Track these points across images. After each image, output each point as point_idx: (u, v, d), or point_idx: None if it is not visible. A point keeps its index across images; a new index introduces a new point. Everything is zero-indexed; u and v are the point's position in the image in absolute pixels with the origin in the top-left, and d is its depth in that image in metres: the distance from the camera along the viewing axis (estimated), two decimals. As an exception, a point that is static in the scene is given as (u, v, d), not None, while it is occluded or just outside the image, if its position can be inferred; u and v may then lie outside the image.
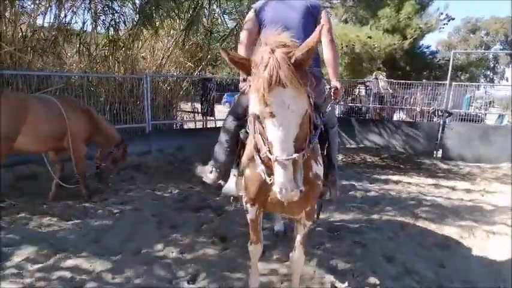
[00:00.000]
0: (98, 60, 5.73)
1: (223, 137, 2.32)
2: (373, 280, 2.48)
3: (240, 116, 2.22)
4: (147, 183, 4.81)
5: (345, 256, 2.82)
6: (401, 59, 10.20)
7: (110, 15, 5.68)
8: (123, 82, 5.69)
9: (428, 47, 11.37)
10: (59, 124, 3.57)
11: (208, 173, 2.36)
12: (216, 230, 3.25)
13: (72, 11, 5.41)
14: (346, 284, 2.43)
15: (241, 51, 2.17)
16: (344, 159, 7.11)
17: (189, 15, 6.22)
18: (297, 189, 1.25)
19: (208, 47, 6.65)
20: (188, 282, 2.38)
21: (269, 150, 1.29)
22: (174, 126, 6.93)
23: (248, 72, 1.31)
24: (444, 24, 9.63)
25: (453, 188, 5.21)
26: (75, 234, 3.06)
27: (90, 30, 5.71)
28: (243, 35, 2.24)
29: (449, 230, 3.48)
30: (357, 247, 2.99)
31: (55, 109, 3.58)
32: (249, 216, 2.03)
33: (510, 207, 4.21)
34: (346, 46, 10.59)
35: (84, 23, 5.60)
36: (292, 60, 1.23)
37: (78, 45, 5.53)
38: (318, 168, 1.80)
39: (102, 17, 5.72)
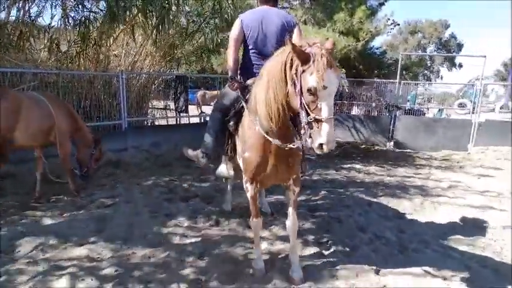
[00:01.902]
0: (69, 57, 5.62)
1: (211, 128, 2.71)
2: (350, 245, 3.00)
3: (225, 109, 2.61)
4: (129, 178, 4.92)
5: (325, 230, 3.32)
6: (356, 59, 11.13)
7: (80, 11, 5.59)
8: (98, 79, 5.66)
9: (378, 48, 12.55)
10: (48, 119, 3.64)
11: (200, 158, 2.78)
12: (210, 216, 3.55)
13: (37, 5, 5.26)
14: (332, 250, 2.91)
15: (231, 54, 2.60)
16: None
17: (159, 13, 6.29)
18: (335, 140, 1.75)
19: (182, 45, 6.78)
20: (199, 258, 2.69)
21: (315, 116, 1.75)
22: (149, 123, 6.99)
23: (303, 60, 1.74)
24: (391, 28, 10.75)
25: (405, 172, 6.03)
26: (75, 225, 3.18)
27: (58, 26, 5.57)
28: (232, 42, 2.62)
29: (404, 205, 4.16)
30: (334, 222, 3.50)
31: (43, 105, 3.64)
32: (249, 194, 2.39)
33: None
34: (305, 46, 11.19)
35: (52, 18, 5.46)
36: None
37: (47, 41, 5.38)
38: (298, 143, 2.06)
39: (72, 14, 5.60)
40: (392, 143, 8.36)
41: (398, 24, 10.95)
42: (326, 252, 2.88)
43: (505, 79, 19.08)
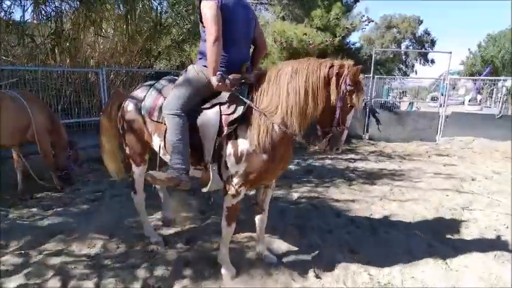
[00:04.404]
0: (44, 52, 5.57)
1: (181, 137, 2.17)
2: (326, 229, 3.26)
3: (191, 110, 2.22)
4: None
5: (304, 216, 3.57)
6: (333, 54, 11.46)
7: (52, 3, 5.51)
8: (77, 75, 5.64)
9: (354, 44, 12.94)
10: (24, 118, 3.68)
11: (183, 179, 2.19)
12: (196, 207, 3.72)
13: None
14: (309, 234, 3.16)
15: (219, 42, 2.10)
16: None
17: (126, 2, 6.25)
18: None
19: (156, 39, 6.81)
20: (185, 245, 2.86)
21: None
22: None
23: (355, 82, 2.00)
24: (366, 25, 11.14)
25: (378, 162, 6.40)
26: (63, 220, 3.27)
27: (31, 20, 5.49)
28: (216, 27, 2.08)
29: (376, 192, 4.48)
30: (313, 210, 3.76)
31: (19, 104, 3.67)
32: (239, 198, 2.25)
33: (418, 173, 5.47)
34: (285, 42, 11.42)
35: (24, 11, 5.35)
36: None
37: (20, 36, 5.31)
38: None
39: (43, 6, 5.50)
40: (367, 135, 8.77)
41: (373, 21, 11.35)
42: (305, 236, 3.12)
43: (472, 74, 20.18)
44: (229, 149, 2.18)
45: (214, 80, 2.11)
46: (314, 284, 2.33)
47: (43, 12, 5.48)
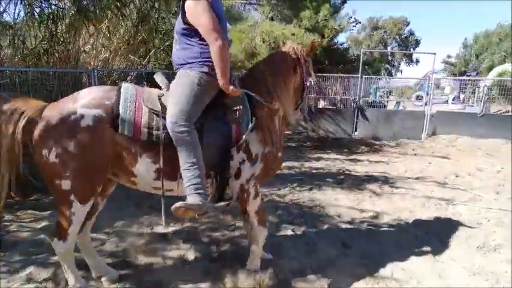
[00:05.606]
0: (36, 54, 5.53)
1: (197, 155, 1.95)
2: (320, 226, 3.39)
3: (197, 119, 2.02)
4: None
5: (297, 214, 3.68)
6: (321, 55, 11.68)
7: (46, 7, 5.51)
8: (69, 76, 5.62)
9: (342, 44, 13.22)
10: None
11: (206, 204, 1.99)
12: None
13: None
14: (304, 230, 3.28)
15: (226, 43, 1.99)
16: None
17: (137, 14, 6.36)
18: None
19: (153, 42, 6.86)
20: (183, 242, 2.94)
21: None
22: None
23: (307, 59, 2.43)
24: (353, 26, 11.41)
25: (367, 160, 6.58)
26: (60, 221, 3.29)
27: (24, 22, 5.46)
28: (218, 28, 1.96)
29: (366, 189, 4.64)
30: (305, 209, 3.87)
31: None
32: (260, 196, 2.32)
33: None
34: (274, 42, 11.52)
35: (18, 14, 5.33)
36: None
37: (12, 38, 5.27)
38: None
39: (38, 10, 5.50)
40: (356, 134, 8.98)
41: (360, 22, 11.66)
42: (299, 233, 3.24)
43: (454, 74, 20.79)
44: (241, 155, 2.12)
45: (231, 88, 2.02)
46: (313, 278, 2.43)
47: (36, 15, 5.45)
